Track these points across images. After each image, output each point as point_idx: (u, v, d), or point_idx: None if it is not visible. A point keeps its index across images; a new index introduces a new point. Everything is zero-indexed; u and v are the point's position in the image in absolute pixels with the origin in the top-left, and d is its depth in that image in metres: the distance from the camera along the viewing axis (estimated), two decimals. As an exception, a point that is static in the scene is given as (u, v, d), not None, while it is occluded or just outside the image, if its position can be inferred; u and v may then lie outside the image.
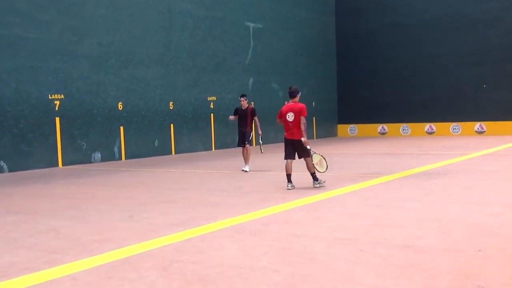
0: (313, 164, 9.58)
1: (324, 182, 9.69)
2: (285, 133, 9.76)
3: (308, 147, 9.56)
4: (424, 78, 26.98)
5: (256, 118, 13.05)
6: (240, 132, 13.11)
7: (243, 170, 12.65)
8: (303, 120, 9.51)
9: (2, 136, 14.27)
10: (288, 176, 9.64)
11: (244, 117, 13.03)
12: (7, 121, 14.39)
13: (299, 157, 9.71)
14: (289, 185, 9.60)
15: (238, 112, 13.18)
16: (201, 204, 8.35)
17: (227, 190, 9.78)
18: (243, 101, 13.09)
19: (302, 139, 9.49)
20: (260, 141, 12.93)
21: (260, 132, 12.99)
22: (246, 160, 12.87)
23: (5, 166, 14.29)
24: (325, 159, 9.77)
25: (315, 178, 9.65)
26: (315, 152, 9.77)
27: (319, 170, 9.65)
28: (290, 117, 9.58)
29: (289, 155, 9.70)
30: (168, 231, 6.36)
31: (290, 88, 9.83)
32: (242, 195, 9.16)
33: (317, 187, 9.57)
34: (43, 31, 15.32)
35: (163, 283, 4.43)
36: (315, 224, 6.59)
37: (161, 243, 5.78)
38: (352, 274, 4.53)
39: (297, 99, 9.78)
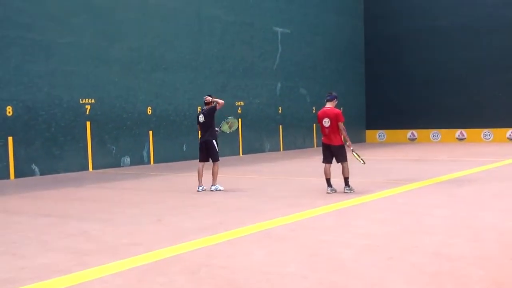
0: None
1: (353, 190, 9.67)
2: (323, 138, 9.86)
3: (351, 148, 9.77)
4: (455, 83, 26.56)
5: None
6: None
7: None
8: (341, 126, 9.59)
9: (34, 139, 14.55)
10: (327, 180, 9.69)
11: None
12: (39, 125, 14.67)
13: (337, 161, 9.75)
14: (329, 189, 9.66)
15: None
16: (229, 209, 8.37)
17: (255, 195, 9.78)
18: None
19: (347, 142, 9.66)
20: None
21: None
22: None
23: (37, 169, 14.56)
24: (359, 157, 9.97)
25: (347, 184, 9.67)
26: (357, 153, 10.00)
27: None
28: (326, 122, 9.63)
29: (326, 159, 9.78)
30: (197, 236, 6.39)
31: (329, 93, 9.97)
32: (271, 200, 9.15)
33: (347, 192, 9.57)
34: (75, 36, 15.59)
35: None
36: (343, 230, 6.54)
37: (190, 248, 5.81)
38: (382, 281, 4.48)
39: (333, 104, 9.84)
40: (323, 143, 9.85)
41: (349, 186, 9.67)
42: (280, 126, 23.05)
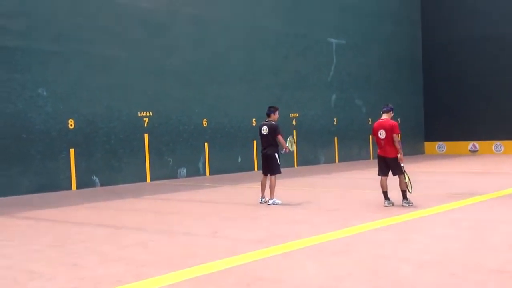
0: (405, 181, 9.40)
1: (412, 203, 9.42)
2: (378, 150, 9.71)
3: (402, 164, 9.44)
4: (519, 92, 25.53)
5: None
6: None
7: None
8: (396, 138, 9.40)
9: (94, 151, 15.00)
10: (384, 194, 9.54)
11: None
12: (99, 137, 15.12)
13: (393, 175, 9.58)
14: (386, 202, 9.49)
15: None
16: (284, 222, 8.32)
17: (310, 208, 9.69)
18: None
19: (398, 155, 9.39)
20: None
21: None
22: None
23: (97, 181, 14.98)
24: (410, 181, 9.56)
25: (405, 197, 9.45)
26: (405, 172, 9.59)
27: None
28: (381, 134, 9.50)
29: (382, 172, 9.63)
30: (251, 248, 6.37)
31: (385, 105, 9.87)
32: (326, 213, 9.03)
33: (405, 206, 9.35)
34: (133, 50, 16.02)
35: (247, 301, 4.42)
36: (402, 245, 6.36)
37: (244, 260, 5.80)
38: (443, 299, 4.31)
39: (390, 115, 9.72)
40: (378, 155, 9.71)
41: (407, 199, 9.43)
42: (335, 137, 22.83)
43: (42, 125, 13.93)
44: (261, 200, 10.35)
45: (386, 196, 9.52)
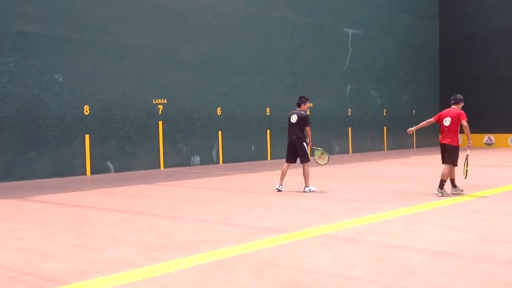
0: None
1: (462, 191, 9.72)
2: (440, 137, 9.89)
3: (468, 152, 9.73)
4: (536, 85, 25.20)
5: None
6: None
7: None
8: (465, 123, 9.60)
9: (109, 138, 15.11)
10: (451, 181, 9.70)
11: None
12: (114, 124, 15.22)
13: (445, 162, 9.69)
14: (453, 189, 9.72)
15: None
16: (296, 210, 8.34)
17: (323, 197, 9.70)
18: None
19: (469, 142, 9.65)
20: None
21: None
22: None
23: (111, 167, 15.10)
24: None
25: (454, 185, 9.71)
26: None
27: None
28: (447, 121, 9.68)
29: (443, 160, 9.77)
30: (263, 235, 6.40)
31: (454, 95, 10.12)
32: (339, 203, 9.04)
33: (454, 193, 9.63)
34: (148, 38, 16.06)
35: (258, 286, 4.45)
36: (414, 235, 6.35)
37: (256, 247, 5.83)
38: (454, 289, 4.31)
39: (459, 106, 9.91)
40: (440, 143, 9.87)
41: (456, 187, 9.72)
42: (350, 128, 22.74)
43: (57, 110, 14.05)
44: (279, 187, 10.36)
45: (453, 184, 9.72)
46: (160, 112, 16.28)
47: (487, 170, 14.80)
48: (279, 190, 10.31)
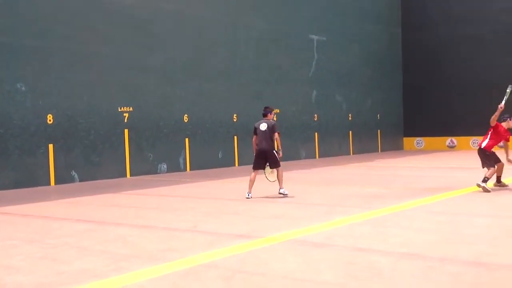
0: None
1: (506, 186, 10.73)
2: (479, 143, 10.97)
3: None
4: (495, 90, 25.84)
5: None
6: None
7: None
8: (493, 121, 10.59)
9: (73, 147, 14.86)
10: (497, 178, 10.74)
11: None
12: (78, 133, 14.98)
13: (483, 166, 10.57)
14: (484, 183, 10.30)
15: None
16: (264, 216, 8.35)
17: (291, 202, 9.74)
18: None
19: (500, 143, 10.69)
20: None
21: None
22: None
23: (76, 176, 14.85)
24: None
25: (499, 181, 10.73)
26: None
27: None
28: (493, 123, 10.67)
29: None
30: (232, 242, 6.39)
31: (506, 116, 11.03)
32: (306, 207, 9.09)
33: (497, 186, 10.71)
34: (114, 46, 15.90)
35: (227, 294, 4.44)
36: (380, 238, 6.43)
37: (225, 254, 5.81)
38: (420, 291, 4.38)
39: (508, 125, 10.83)
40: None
41: (500, 182, 10.75)
42: (316, 133, 22.94)
43: (20, 120, 13.76)
44: (248, 195, 10.39)
45: (498, 181, 10.76)
46: (125, 120, 16.10)
47: (449, 172, 15.12)
48: (249, 198, 10.34)
